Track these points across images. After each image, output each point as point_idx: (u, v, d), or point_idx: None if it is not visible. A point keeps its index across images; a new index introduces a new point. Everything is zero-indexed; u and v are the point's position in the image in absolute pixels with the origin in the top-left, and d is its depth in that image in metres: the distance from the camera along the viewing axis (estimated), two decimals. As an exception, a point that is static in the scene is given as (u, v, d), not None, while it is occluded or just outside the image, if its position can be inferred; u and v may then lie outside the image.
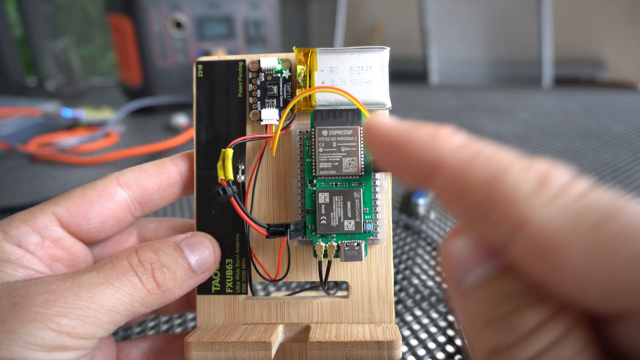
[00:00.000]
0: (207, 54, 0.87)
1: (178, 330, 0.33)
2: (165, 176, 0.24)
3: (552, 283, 0.11)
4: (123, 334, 0.32)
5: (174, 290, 0.21)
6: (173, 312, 0.28)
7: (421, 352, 0.29)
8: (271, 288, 0.36)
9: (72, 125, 0.77)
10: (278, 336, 0.23)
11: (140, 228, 0.26)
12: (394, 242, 0.41)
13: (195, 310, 0.25)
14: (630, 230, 0.10)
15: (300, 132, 0.24)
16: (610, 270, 0.10)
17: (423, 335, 0.31)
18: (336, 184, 0.23)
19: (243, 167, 0.24)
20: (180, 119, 0.77)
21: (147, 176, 0.24)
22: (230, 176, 0.20)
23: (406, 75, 1.52)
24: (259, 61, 0.24)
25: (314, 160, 0.23)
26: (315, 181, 0.23)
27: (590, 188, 0.11)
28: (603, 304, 0.10)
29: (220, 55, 0.40)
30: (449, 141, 0.13)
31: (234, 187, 0.20)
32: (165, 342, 0.26)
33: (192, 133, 0.72)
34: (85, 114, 0.78)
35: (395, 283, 0.36)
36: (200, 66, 0.25)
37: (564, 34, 1.96)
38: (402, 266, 0.38)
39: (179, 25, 0.83)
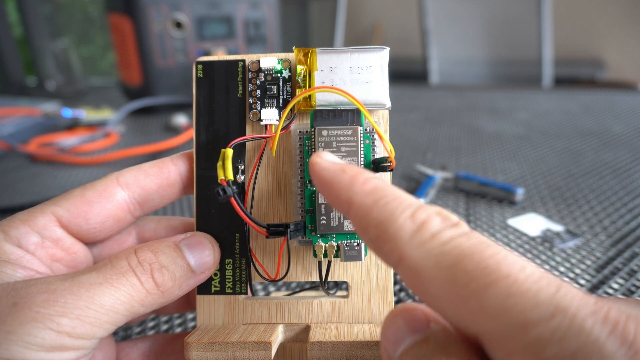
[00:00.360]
0: (207, 54, 0.87)
1: (178, 330, 0.32)
2: (165, 176, 0.24)
3: (427, 304, 0.15)
4: (123, 333, 0.32)
5: (173, 291, 0.21)
6: (173, 312, 0.28)
7: (421, 352, 0.29)
8: (271, 288, 0.36)
9: (72, 125, 0.77)
10: (278, 336, 0.23)
11: (140, 228, 0.26)
12: (394, 242, 0.41)
13: (195, 310, 0.25)
14: (472, 274, 0.13)
15: (300, 132, 0.24)
16: (460, 299, 0.13)
17: (423, 335, 0.31)
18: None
19: (243, 167, 0.24)
20: (180, 119, 0.77)
21: (146, 176, 0.24)
22: (230, 176, 0.20)
23: (406, 75, 1.52)
24: (258, 61, 0.24)
25: (313, 160, 0.23)
26: (315, 181, 0.23)
27: (454, 235, 0.14)
28: (463, 325, 0.14)
29: (220, 55, 0.40)
30: (363, 186, 0.17)
31: (234, 187, 0.20)
32: (165, 342, 0.26)
33: (192, 133, 0.72)
34: (85, 114, 0.78)
35: (395, 283, 0.36)
36: (200, 66, 0.25)
37: (564, 34, 1.96)
38: (402, 266, 0.38)
39: (179, 25, 0.83)
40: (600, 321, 0.12)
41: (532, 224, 0.44)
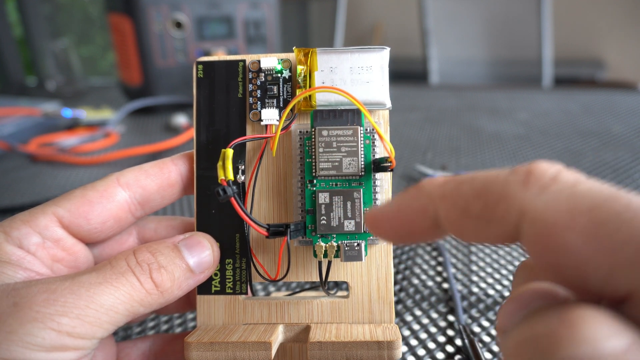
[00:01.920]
0: (207, 54, 0.87)
1: (178, 330, 0.33)
2: (165, 176, 0.24)
3: (558, 266, 0.12)
4: (123, 334, 0.32)
5: (172, 291, 0.21)
6: (173, 312, 0.28)
7: (421, 352, 0.29)
8: (271, 288, 0.36)
9: (72, 125, 0.77)
10: (278, 336, 0.23)
11: (140, 228, 0.26)
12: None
13: (195, 310, 0.25)
14: (624, 215, 0.11)
15: (300, 132, 0.24)
16: (607, 250, 0.11)
17: (423, 335, 0.31)
18: (336, 184, 0.23)
19: (243, 167, 0.24)
20: (180, 119, 0.77)
21: (147, 176, 0.24)
22: (231, 176, 0.20)
23: (406, 75, 1.52)
24: (259, 61, 0.24)
25: (314, 161, 0.23)
26: (315, 181, 0.23)
27: (579, 178, 0.12)
28: (605, 284, 0.11)
29: (220, 55, 0.40)
30: (433, 184, 0.15)
31: (234, 187, 0.20)
32: (165, 342, 0.26)
33: (192, 133, 0.72)
34: (85, 114, 0.78)
35: (395, 283, 0.36)
36: (200, 66, 0.25)
37: (564, 34, 1.96)
38: (402, 266, 0.38)
39: (179, 25, 0.83)
40: None
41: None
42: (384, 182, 0.23)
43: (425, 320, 0.32)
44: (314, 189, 0.23)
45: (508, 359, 0.12)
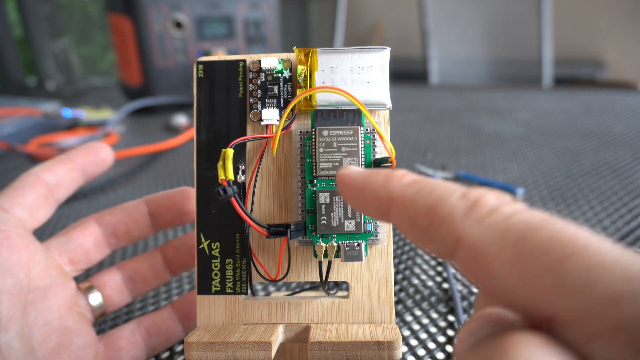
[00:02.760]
0: (207, 54, 0.87)
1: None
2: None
3: (488, 288, 0.13)
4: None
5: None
6: (167, 226, 0.30)
7: (421, 352, 0.29)
8: (271, 288, 0.36)
9: (72, 125, 0.77)
10: (278, 336, 0.23)
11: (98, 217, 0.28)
12: (393, 242, 0.41)
13: (192, 287, 0.25)
14: (545, 246, 0.12)
15: (300, 132, 0.24)
16: (531, 277, 0.12)
17: (423, 335, 0.31)
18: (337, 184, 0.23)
19: (243, 167, 0.24)
20: (180, 119, 0.77)
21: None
22: (231, 176, 0.20)
23: (406, 75, 1.52)
24: (259, 61, 0.24)
25: (314, 161, 0.23)
26: (315, 181, 0.23)
27: (516, 210, 0.13)
28: (531, 308, 0.12)
29: (220, 55, 0.40)
30: (401, 180, 0.16)
31: (234, 187, 0.20)
32: (151, 316, 0.28)
33: (192, 133, 0.72)
34: (85, 114, 0.78)
35: (395, 283, 0.36)
36: (200, 66, 0.25)
37: (564, 34, 1.96)
38: (402, 266, 0.38)
39: (179, 25, 0.83)
40: None
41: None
42: (384, 182, 0.23)
43: (425, 320, 0.32)
44: (315, 189, 0.23)
45: None
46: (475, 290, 0.35)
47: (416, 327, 0.31)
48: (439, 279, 0.36)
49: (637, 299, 0.10)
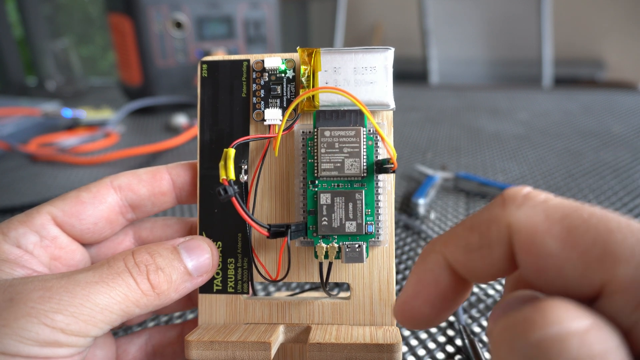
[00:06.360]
0: (207, 54, 0.87)
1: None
2: (157, 184, 0.24)
3: (543, 270, 0.13)
4: (123, 334, 0.32)
5: (168, 293, 0.21)
6: (174, 310, 0.28)
7: (421, 352, 0.29)
8: (271, 288, 0.36)
9: (72, 125, 0.77)
10: (278, 336, 0.23)
11: (136, 228, 0.26)
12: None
13: (195, 309, 0.25)
14: (590, 220, 0.13)
15: (303, 132, 0.24)
16: (579, 251, 0.13)
17: (423, 336, 0.31)
18: (338, 185, 0.23)
19: (246, 167, 0.24)
20: (180, 119, 0.77)
21: (139, 182, 0.24)
22: (232, 176, 0.20)
23: (406, 75, 1.51)
24: (263, 61, 0.24)
25: (316, 161, 0.23)
26: (317, 182, 0.23)
27: (548, 196, 0.14)
28: (581, 281, 0.13)
29: (220, 55, 0.40)
30: (432, 241, 0.16)
31: (235, 187, 0.20)
32: (161, 333, 0.26)
33: (192, 133, 0.72)
34: (85, 114, 0.78)
35: (396, 283, 0.36)
36: (204, 65, 0.25)
37: (564, 34, 1.96)
38: (402, 266, 0.38)
39: (179, 25, 0.83)
40: None
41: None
42: (386, 184, 0.23)
43: (426, 321, 0.32)
44: (316, 189, 0.23)
45: (493, 345, 0.13)
46: (475, 290, 0.35)
47: (417, 327, 0.31)
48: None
49: None
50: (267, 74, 0.24)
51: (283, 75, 0.24)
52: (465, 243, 0.15)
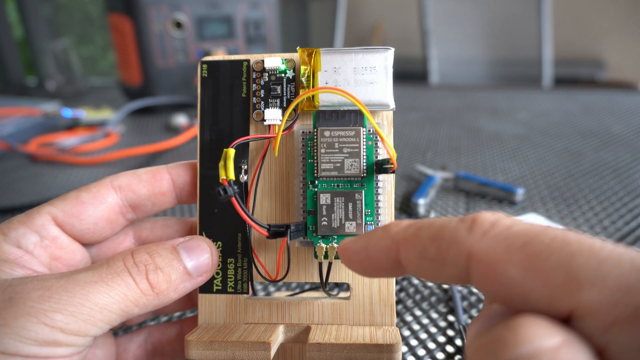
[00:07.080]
0: (207, 54, 0.87)
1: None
2: (157, 184, 0.24)
3: (507, 297, 0.13)
4: (123, 334, 0.32)
5: (168, 293, 0.21)
6: (175, 310, 0.28)
7: (421, 352, 0.29)
8: (271, 288, 0.36)
9: (72, 125, 0.77)
10: (278, 336, 0.23)
11: (136, 228, 0.26)
12: (394, 243, 0.41)
13: (195, 308, 0.25)
14: (552, 246, 0.13)
15: (302, 132, 0.24)
16: (545, 275, 0.12)
17: (423, 336, 0.31)
18: (338, 185, 0.23)
19: (246, 167, 0.24)
20: (180, 119, 0.77)
21: (139, 182, 0.24)
22: (232, 176, 0.20)
23: (406, 75, 1.52)
24: (263, 61, 0.24)
25: (315, 161, 0.23)
26: (317, 182, 0.23)
27: (514, 221, 0.14)
28: (549, 307, 0.13)
29: (220, 55, 0.40)
30: (399, 226, 0.17)
31: (235, 187, 0.20)
32: (160, 332, 0.26)
33: (192, 133, 0.72)
34: (85, 114, 0.78)
35: (395, 283, 0.36)
36: (205, 65, 0.25)
37: (564, 34, 1.96)
38: (402, 266, 0.38)
39: (179, 25, 0.83)
40: None
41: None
42: (386, 184, 0.23)
43: (425, 321, 0.32)
44: (316, 189, 0.23)
45: None
46: (475, 290, 0.35)
47: (416, 327, 0.31)
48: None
49: None
50: (267, 74, 0.24)
51: (283, 75, 0.24)
52: (421, 249, 0.15)
